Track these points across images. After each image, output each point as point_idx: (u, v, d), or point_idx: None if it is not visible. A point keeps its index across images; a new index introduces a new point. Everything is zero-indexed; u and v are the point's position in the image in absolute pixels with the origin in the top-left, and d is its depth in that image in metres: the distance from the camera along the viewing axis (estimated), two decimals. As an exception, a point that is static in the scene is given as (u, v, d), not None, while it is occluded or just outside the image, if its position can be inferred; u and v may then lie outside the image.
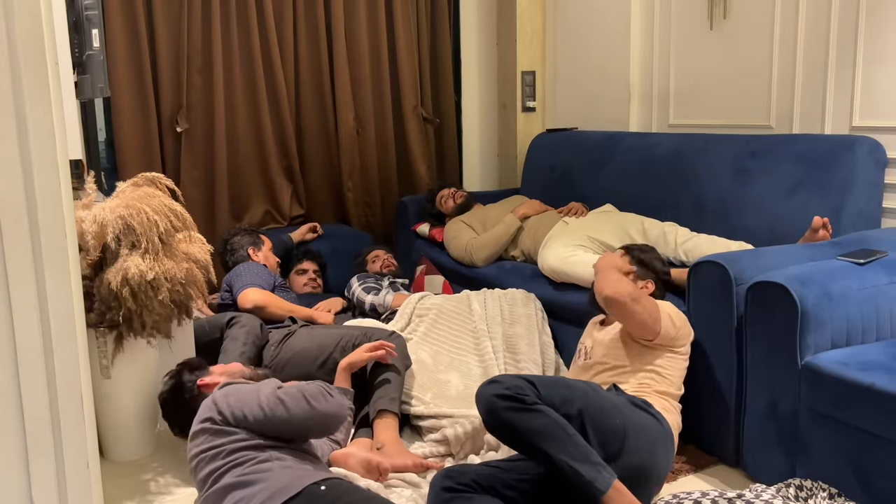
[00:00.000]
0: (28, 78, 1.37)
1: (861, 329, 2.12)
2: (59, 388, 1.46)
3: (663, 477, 2.04)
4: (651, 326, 2.14)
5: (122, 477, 2.32)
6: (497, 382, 1.90)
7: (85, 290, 2.22)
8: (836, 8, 2.83)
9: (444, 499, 1.89)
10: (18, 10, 1.34)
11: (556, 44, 4.21)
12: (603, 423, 1.92)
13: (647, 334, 2.16)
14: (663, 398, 2.16)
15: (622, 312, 2.14)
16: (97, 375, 2.35)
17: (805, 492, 2.00)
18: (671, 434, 2.08)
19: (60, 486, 1.49)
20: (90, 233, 2.28)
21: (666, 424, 2.07)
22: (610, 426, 1.93)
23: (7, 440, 1.44)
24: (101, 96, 2.69)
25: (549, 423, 1.83)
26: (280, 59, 3.77)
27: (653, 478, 1.99)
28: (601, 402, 1.97)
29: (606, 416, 1.94)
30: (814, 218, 2.51)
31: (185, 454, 2.45)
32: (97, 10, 2.54)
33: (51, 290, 1.43)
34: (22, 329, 1.42)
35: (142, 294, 2.23)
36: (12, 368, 1.43)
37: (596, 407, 1.94)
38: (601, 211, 3.27)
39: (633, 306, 2.12)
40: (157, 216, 2.29)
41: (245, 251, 3.26)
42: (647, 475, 1.96)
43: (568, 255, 2.94)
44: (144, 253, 2.25)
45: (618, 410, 1.99)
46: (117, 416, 2.42)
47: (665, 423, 2.07)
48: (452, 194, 3.75)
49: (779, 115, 3.09)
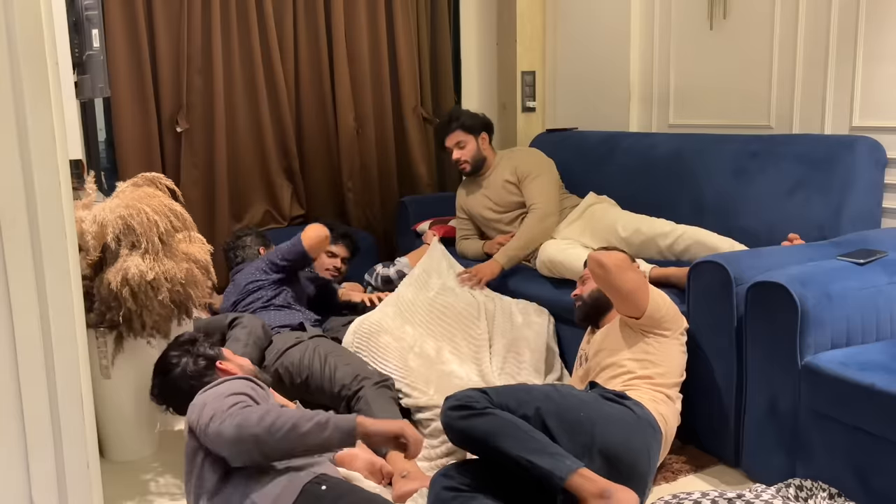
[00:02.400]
0: (28, 78, 1.37)
1: (861, 329, 2.12)
2: (59, 388, 1.46)
3: (647, 465, 2.00)
4: (637, 295, 2.16)
5: (122, 477, 2.32)
6: (450, 398, 1.98)
7: (85, 290, 2.22)
8: (835, 8, 2.83)
9: (444, 498, 1.89)
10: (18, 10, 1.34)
11: (556, 44, 4.21)
12: (566, 418, 1.95)
13: (633, 308, 2.18)
14: (656, 389, 2.17)
15: (609, 280, 2.17)
16: (97, 375, 2.36)
17: (805, 492, 2.00)
18: (651, 422, 2.06)
19: (60, 486, 1.49)
20: (90, 233, 2.28)
21: (644, 412, 2.06)
22: (574, 419, 1.95)
23: (7, 440, 1.44)
24: (101, 96, 2.70)
25: (501, 423, 1.87)
26: (280, 59, 3.77)
27: (635, 466, 1.97)
28: (562, 400, 2.00)
29: (568, 412, 1.96)
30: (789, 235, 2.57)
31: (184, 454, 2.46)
32: (97, 10, 2.54)
33: (51, 290, 1.43)
34: (22, 329, 1.42)
35: (142, 294, 2.23)
36: (12, 368, 1.43)
37: (556, 405, 1.97)
38: (586, 206, 3.24)
39: (620, 273, 2.15)
40: (157, 216, 2.29)
41: (255, 249, 3.29)
42: (626, 463, 1.95)
43: (566, 247, 2.99)
44: (144, 253, 2.25)
45: (583, 404, 2.01)
46: (117, 416, 2.42)
47: (642, 411, 2.06)
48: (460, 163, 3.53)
49: (779, 115, 3.09)
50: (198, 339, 2.17)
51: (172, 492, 2.25)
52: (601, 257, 2.18)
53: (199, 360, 2.09)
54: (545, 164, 3.39)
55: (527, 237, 3.18)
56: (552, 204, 3.23)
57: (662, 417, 2.12)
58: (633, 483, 1.95)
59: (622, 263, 2.18)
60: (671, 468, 2.30)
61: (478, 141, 3.44)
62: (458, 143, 3.43)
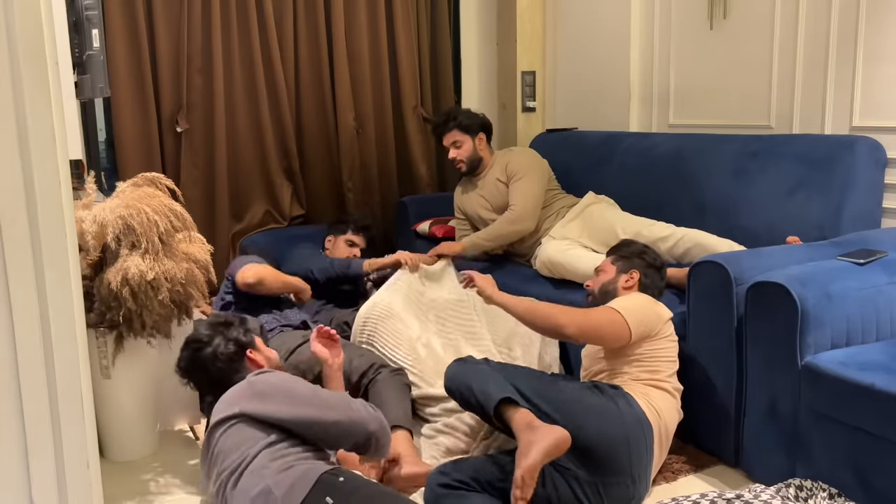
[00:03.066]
0: (28, 78, 1.36)
1: (861, 329, 2.12)
2: (59, 388, 1.46)
3: (627, 457, 2.01)
4: (617, 335, 2.16)
5: (122, 477, 2.32)
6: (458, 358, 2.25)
7: (85, 290, 2.22)
8: (836, 8, 2.83)
9: (439, 494, 1.93)
10: (18, 10, 1.34)
11: (556, 44, 4.21)
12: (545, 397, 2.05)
13: (620, 342, 2.18)
14: (651, 384, 2.17)
15: (582, 340, 2.20)
16: (97, 375, 2.36)
17: (805, 492, 2.00)
18: (638, 416, 2.07)
19: (60, 486, 1.49)
20: (90, 233, 2.28)
21: (630, 407, 2.07)
22: (552, 398, 2.04)
23: (7, 440, 1.44)
24: (101, 96, 2.69)
25: (475, 370, 2.12)
26: (280, 59, 3.77)
27: (611, 457, 1.99)
28: (543, 384, 2.11)
29: (548, 392, 2.07)
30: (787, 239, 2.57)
31: (184, 454, 2.46)
32: (97, 10, 2.53)
33: (51, 290, 1.43)
34: (22, 329, 1.42)
35: (142, 294, 2.23)
36: (12, 368, 1.43)
37: (537, 384, 2.10)
38: (584, 206, 3.24)
39: (586, 333, 2.16)
40: (157, 216, 2.29)
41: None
42: (601, 453, 1.97)
43: (566, 248, 2.99)
44: (144, 253, 2.25)
45: (563, 391, 2.10)
46: (117, 416, 2.42)
47: (629, 405, 2.07)
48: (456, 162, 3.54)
49: (779, 115, 3.09)
50: (233, 323, 2.18)
51: (172, 492, 2.25)
52: (562, 325, 2.16)
53: (230, 345, 2.10)
54: (534, 166, 3.36)
55: (496, 234, 3.27)
56: (529, 209, 3.24)
57: (656, 411, 2.11)
58: (614, 476, 1.96)
59: (582, 320, 2.16)
60: (671, 468, 2.30)
61: (474, 141, 3.43)
62: (454, 142, 3.44)
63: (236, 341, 2.11)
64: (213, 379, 2.07)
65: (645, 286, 2.38)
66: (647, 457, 2.07)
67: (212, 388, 2.07)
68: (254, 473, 1.71)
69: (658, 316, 2.24)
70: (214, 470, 1.80)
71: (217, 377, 2.06)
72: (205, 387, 2.12)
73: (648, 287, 2.38)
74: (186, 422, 2.69)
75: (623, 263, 2.43)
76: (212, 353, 2.09)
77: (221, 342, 2.10)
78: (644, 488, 2.09)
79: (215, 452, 1.81)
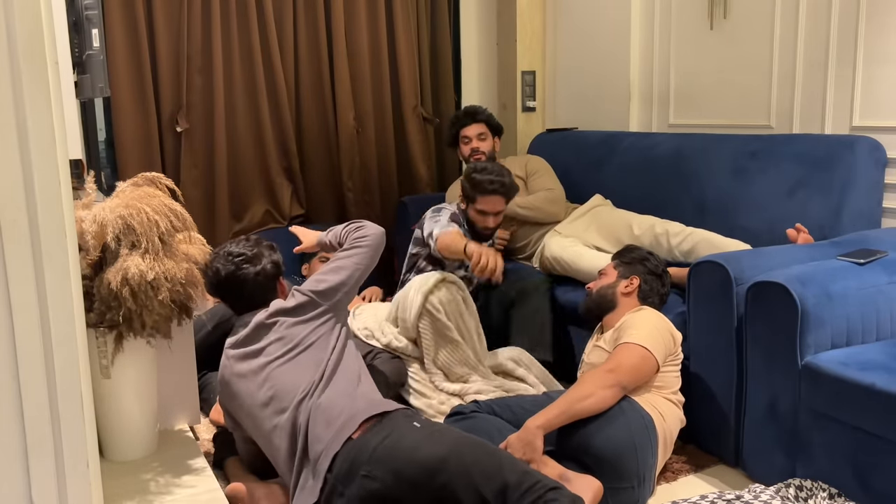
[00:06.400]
0: (28, 78, 1.36)
1: (861, 329, 2.12)
2: (59, 388, 1.46)
3: (635, 461, 2.02)
4: (652, 367, 2.17)
5: (122, 477, 2.31)
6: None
7: (85, 290, 2.21)
8: (836, 8, 2.83)
9: (451, 421, 2.16)
10: (18, 10, 1.34)
11: (556, 44, 4.21)
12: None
13: (652, 375, 2.19)
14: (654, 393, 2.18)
15: (631, 387, 2.14)
16: (97, 375, 2.35)
17: (805, 492, 2.00)
18: (644, 418, 2.08)
19: (60, 485, 1.49)
20: (90, 233, 2.27)
21: (634, 410, 2.08)
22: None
23: (7, 440, 1.44)
24: (101, 96, 2.69)
25: (473, 427, 2.11)
26: (280, 59, 3.76)
27: (621, 463, 2.00)
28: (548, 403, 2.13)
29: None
30: (787, 231, 2.56)
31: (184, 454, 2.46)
32: (97, 10, 2.53)
33: (51, 290, 1.43)
34: (22, 329, 1.42)
35: (142, 294, 2.23)
36: (12, 368, 1.43)
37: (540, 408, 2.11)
38: (591, 206, 3.25)
39: (627, 382, 2.12)
40: (158, 216, 2.29)
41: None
42: (610, 461, 2.00)
43: (570, 245, 3.01)
44: (144, 253, 2.25)
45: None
46: (117, 416, 2.42)
47: (633, 408, 2.09)
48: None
49: (779, 115, 3.09)
50: (273, 247, 2.25)
51: (172, 492, 2.25)
52: (607, 399, 2.07)
53: (272, 267, 2.18)
54: (550, 168, 3.52)
55: (533, 205, 3.29)
56: (563, 194, 3.35)
57: (659, 413, 2.12)
58: (622, 482, 1.96)
59: (619, 377, 2.10)
60: (671, 468, 2.30)
61: (494, 141, 3.55)
62: (480, 133, 3.51)
63: (276, 264, 2.17)
64: (245, 295, 2.12)
65: (644, 292, 2.40)
66: (652, 458, 2.07)
67: (237, 304, 2.15)
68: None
69: (673, 339, 2.26)
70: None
71: (249, 295, 2.11)
72: (231, 301, 2.17)
73: (647, 293, 2.40)
74: (186, 422, 2.69)
75: (625, 269, 2.45)
76: (256, 271, 2.14)
77: (268, 262, 2.16)
78: (648, 489, 2.09)
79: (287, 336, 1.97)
